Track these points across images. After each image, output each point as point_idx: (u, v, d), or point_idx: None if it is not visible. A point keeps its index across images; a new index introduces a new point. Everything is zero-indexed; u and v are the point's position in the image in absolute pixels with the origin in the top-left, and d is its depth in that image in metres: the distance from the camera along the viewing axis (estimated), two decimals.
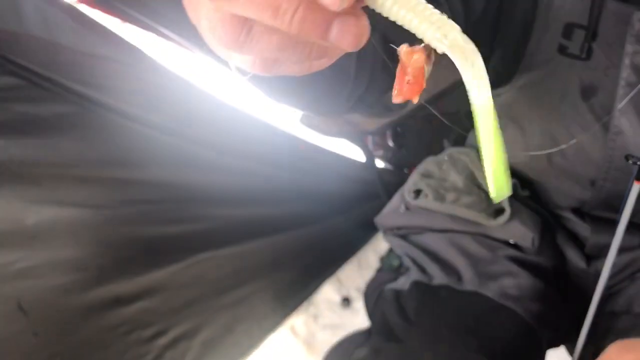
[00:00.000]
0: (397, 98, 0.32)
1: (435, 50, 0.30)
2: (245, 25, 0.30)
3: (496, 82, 0.85)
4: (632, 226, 0.79)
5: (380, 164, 1.60)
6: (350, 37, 0.29)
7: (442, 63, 0.33)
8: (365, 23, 0.30)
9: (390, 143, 1.46)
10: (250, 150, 1.35)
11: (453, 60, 0.30)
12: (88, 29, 1.07)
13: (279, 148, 1.42)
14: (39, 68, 1.03)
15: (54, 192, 1.07)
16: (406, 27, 0.29)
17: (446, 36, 0.29)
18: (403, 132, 1.42)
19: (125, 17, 1.10)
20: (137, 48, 1.14)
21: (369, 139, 1.48)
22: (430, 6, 0.30)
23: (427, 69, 0.32)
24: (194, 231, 1.28)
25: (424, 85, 0.32)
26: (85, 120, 1.10)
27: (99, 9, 1.06)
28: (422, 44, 0.31)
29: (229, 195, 1.32)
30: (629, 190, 0.70)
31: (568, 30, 0.76)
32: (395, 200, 1.04)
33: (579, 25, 0.75)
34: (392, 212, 1.02)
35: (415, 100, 0.33)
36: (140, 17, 1.10)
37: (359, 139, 1.39)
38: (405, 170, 1.61)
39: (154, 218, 1.22)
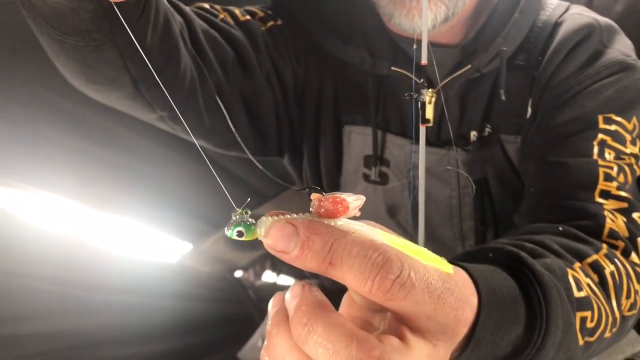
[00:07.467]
0: None
1: None
2: None
3: None
4: None
5: (270, 278, 1.63)
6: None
7: None
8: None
9: (270, 270, 1.57)
10: (129, 285, 1.44)
11: None
12: None
13: (162, 279, 1.52)
14: None
15: None
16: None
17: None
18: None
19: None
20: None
21: (250, 271, 1.57)
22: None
23: None
24: None
25: None
26: None
27: None
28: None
29: (117, 335, 1.40)
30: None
31: (367, 162, 0.92)
32: (256, 334, 1.20)
33: (372, 156, 0.90)
34: (252, 347, 1.17)
35: None
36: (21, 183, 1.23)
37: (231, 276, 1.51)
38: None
39: None
